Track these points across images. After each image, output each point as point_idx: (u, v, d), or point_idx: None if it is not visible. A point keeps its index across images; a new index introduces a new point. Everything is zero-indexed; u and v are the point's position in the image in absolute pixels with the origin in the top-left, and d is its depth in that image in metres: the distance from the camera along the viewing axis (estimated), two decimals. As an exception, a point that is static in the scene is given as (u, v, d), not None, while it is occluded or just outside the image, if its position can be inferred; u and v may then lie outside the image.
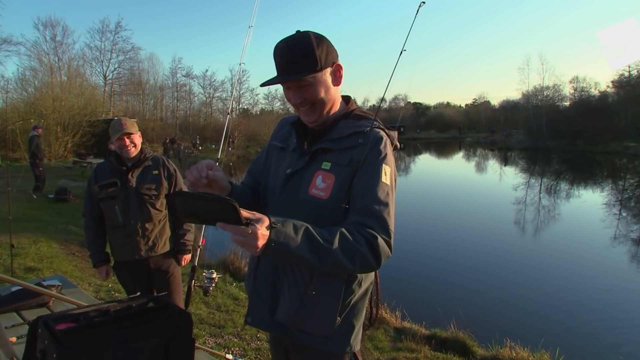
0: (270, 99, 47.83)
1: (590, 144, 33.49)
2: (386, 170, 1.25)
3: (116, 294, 4.52)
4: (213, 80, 42.41)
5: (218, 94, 42.49)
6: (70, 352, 0.96)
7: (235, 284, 5.43)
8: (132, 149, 2.63)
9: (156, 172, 2.70)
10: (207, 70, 50.10)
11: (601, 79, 78.89)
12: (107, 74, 34.76)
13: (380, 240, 1.16)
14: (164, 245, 2.74)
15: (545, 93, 42.95)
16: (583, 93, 40.97)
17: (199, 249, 2.75)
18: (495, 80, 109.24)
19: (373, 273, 1.39)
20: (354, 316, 1.34)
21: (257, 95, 50.49)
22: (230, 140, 26.39)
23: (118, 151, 2.64)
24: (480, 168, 27.10)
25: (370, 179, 1.23)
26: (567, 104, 42.11)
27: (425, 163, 31.73)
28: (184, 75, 41.03)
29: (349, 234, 1.14)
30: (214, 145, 28.50)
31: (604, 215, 11.70)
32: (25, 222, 7.35)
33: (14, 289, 2.34)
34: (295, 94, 1.26)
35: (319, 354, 1.33)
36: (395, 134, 1.37)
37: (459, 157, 36.26)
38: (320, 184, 1.27)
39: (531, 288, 6.43)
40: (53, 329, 1.02)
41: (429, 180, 20.67)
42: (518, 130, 45.78)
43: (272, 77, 1.26)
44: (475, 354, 4.03)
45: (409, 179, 20.85)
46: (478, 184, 19.41)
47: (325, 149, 1.30)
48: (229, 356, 3.11)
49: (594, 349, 4.74)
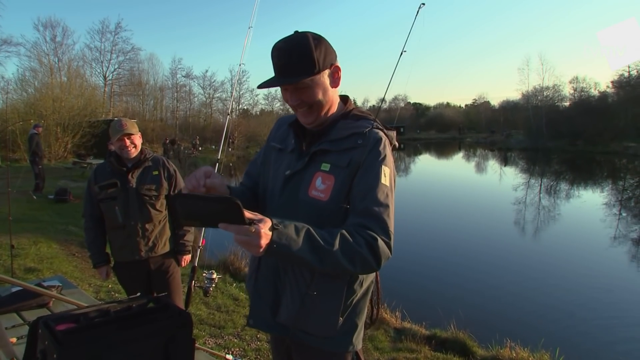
0: (270, 99, 47.86)
1: (590, 144, 33.50)
2: (385, 172, 1.25)
3: (116, 295, 4.52)
4: (213, 80, 42.37)
5: (218, 95, 42.48)
6: (71, 353, 0.96)
7: (235, 285, 5.43)
8: (133, 150, 2.63)
9: (156, 173, 2.70)
10: (207, 71, 49.98)
11: (601, 79, 79.23)
12: (107, 75, 34.77)
13: (380, 242, 1.16)
14: (164, 246, 2.74)
15: (545, 93, 42.97)
16: (583, 93, 40.99)
17: (199, 250, 2.75)
18: (495, 80, 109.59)
19: (373, 272, 1.39)
20: (356, 315, 1.34)
21: (257, 95, 50.35)
22: (230, 140, 26.37)
23: (118, 152, 2.64)
24: (480, 168, 27.10)
25: (370, 180, 1.23)
26: (567, 104, 42.15)
27: (425, 163, 31.73)
28: (184, 76, 40.99)
29: (349, 236, 1.14)
30: (214, 146, 28.46)
31: (604, 216, 11.70)
32: (25, 223, 7.35)
33: (14, 289, 2.34)
34: (293, 96, 1.25)
35: (322, 354, 1.34)
36: (393, 133, 1.37)
37: (458, 158, 36.26)
38: (320, 186, 1.26)
39: (531, 288, 6.43)
40: (53, 329, 1.02)
41: (429, 181, 20.67)
42: (518, 131, 45.77)
43: (269, 79, 1.25)
44: (475, 354, 4.03)
45: (409, 179, 20.85)
46: (478, 184, 19.41)
47: (324, 150, 1.29)
48: (229, 357, 3.12)
49: (594, 349, 4.74)
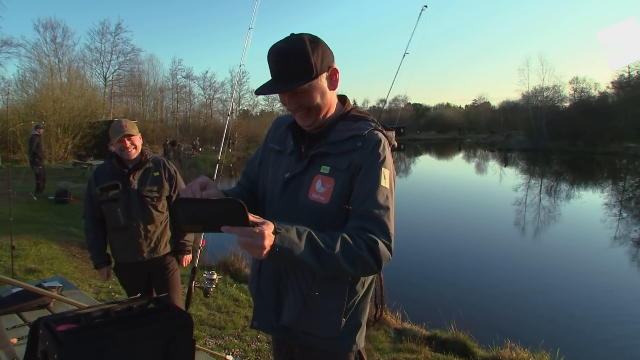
0: (270, 100, 47.76)
1: (590, 145, 33.47)
2: (385, 174, 1.25)
3: (117, 295, 4.53)
4: (213, 81, 42.54)
5: (218, 96, 42.60)
6: (71, 353, 0.97)
7: (235, 285, 5.43)
8: (133, 151, 2.63)
9: (157, 174, 2.70)
10: (207, 72, 49.85)
11: (601, 79, 79.05)
12: (107, 76, 34.83)
13: (380, 244, 1.17)
14: (165, 247, 2.75)
15: (545, 94, 42.92)
16: (583, 94, 40.92)
17: (199, 250, 2.76)
18: (495, 81, 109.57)
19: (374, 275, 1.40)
20: (359, 315, 1.34)
21: (257, 96, 50.47)
22: (231, 141, 26.34)
23: (119, 153, 2.64)
24: (480, 169, 27.09)
25: (370, 183, 1.23)
26: (567, 104, 42.06)
27: (425, 164, 31.72)
28: (184, 77, 41.08)
29: (350, 239, 1.14)
30: (214, 147, 28.47)
31: (604, 216, 11.69)
32: (26, 224, 7.35)
33: (15, 290, 2.34)
34: (291, 101, 1.24)
35: (325, 354, 1.34)
36: (392, 133, 1.36)
37: (458, 158, 36.25)
38: (320, 189, 1.26)
39: (531, 288, 6.43)
40: (54, 330, 1.03)
41: (429, 181, 20.66)
42: (518, 131, 45.73)
43: (267, 84, 1.23)
44: (475, 354, 4.03)
45: (409, 180, 20.85)
46: (478, 185, 19.40)
47: (324, 152, 1.28)
48: (230, 357, 3.12)
49: (594, 349, 4.73)
